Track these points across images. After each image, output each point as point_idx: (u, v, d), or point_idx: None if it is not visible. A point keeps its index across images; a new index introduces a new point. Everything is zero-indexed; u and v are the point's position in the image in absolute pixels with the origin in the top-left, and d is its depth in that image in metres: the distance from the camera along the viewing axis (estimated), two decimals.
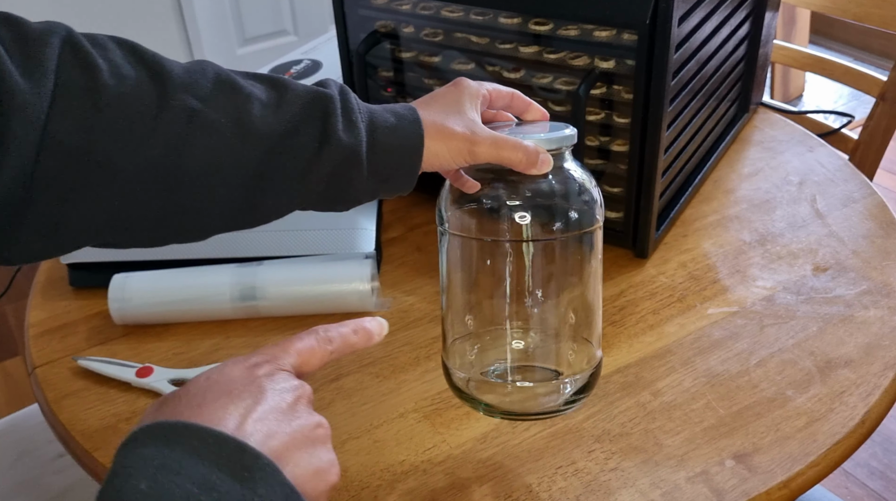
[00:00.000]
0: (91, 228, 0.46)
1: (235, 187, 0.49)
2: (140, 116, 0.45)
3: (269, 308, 0.83)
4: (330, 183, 0.53)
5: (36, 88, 0.42)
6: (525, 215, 0.58)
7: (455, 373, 0.63)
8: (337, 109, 0.52)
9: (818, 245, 0.91)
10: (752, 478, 0.66)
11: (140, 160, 0.45)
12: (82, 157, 0.44)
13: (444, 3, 0.88)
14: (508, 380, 0.64)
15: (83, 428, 0.74)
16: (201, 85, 0.47)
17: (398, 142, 0.54)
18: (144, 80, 0.46)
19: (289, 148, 0.50)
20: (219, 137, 0.47)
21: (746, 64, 1.09)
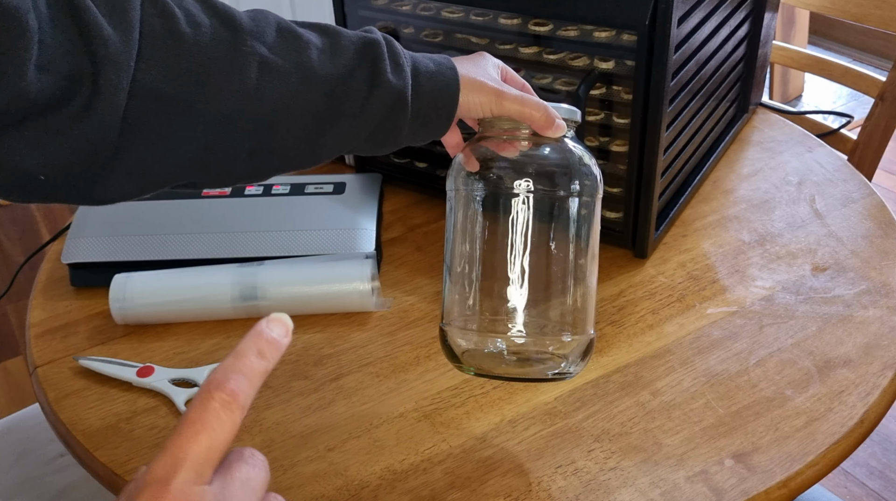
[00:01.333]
0: (175, 170, 0.49)
1: (301, 129, 0.52)
2: (216, 63, 0.47)
3: (269, 308, 0.83)
4: (379, 124, 0.56)
5: (124, 38, 0.44)
6: (529, 180, 0.61)
7: (453, 341, 0.65)
8: (384, 53, 0.55)
9: (817, 245, 0.92)
10: (751, 478, 0.66)
11: (217, 104, 0.48)
12: (167, 102, 0.46)
13: (444, 4, 0.88)
14: (503, 350, 0.64)
15: (84, 428, 0.74)
16: (267, 33, 0.50)
17: (439, 87, 0.57)
18: (218, 27, 0.48)
19: (345, 91, 0.53)
20: (286, 82, 0.50)
21: (746, 64, 1.09)
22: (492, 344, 0.64)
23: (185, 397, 0.75)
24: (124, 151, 0.47)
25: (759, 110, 1.19)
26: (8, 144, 0.44)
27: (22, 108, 0.43)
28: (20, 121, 0.43)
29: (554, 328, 0.65)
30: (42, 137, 0.44)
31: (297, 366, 0.79)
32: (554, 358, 0.64)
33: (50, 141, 0.44)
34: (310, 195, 0.97)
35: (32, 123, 0.44)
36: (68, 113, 0.44)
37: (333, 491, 0.67)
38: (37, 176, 0.45)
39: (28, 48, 0.42)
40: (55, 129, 0.44)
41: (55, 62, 0.43)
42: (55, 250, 0.97)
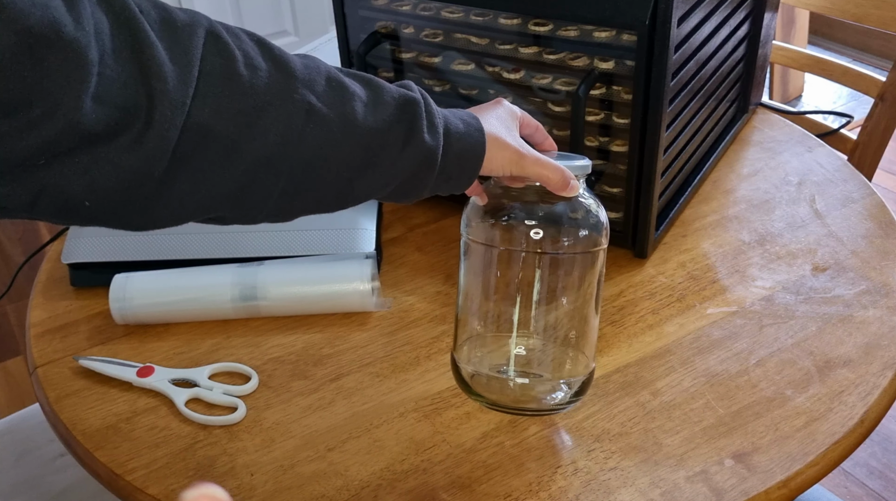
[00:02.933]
0: (210, 203, 0.50)
1: (334, 176, 0.54)
2: (268, 107, 0.49)
3: (269, 308, 0.84)
4: (406, 179, 0.58)
5: (183, 75, 0.46)
6: (539, 230, 0.65)
7: (463, 368, 0.69)
8: (423, 112, 0.57)
9: (817, 245, 0.92)
10: (751, 478, 0.66)
11: (262, 146, 0.49)
12: (216, 139, 0.48)
13: (444, 4, 0.88)
14: (510, 375, 0.69)
15: (84, 428, 0.74)
16: (317, 82, 0.52)
17: (466, 148, 0.60)
18: (273, 72, 0.50)
19: (381, 145, 0.55)
20: (328, 130, 0.52)
21: (745, 64, 1.09)
22: (499, 378, 0.69)
23: (186, 397, 0.75)
24: (167, 184, 0.48)
25: (759, 110, 1.19)
26: (57, 170, 0.44)
27: (74, 137, 0.43)
28: (71, 149, 0.44)
29: (557, 364, 0.70)
30: (91, 166, 0.45)
31: (297, 366, 0.79)
32: (556, 390, 0.69)
33: (98, 170, 0.45)
34: None
35: (82, 151, 0.44)
36: (119, 144, 0.45)
37: (333, 491, 0.67)
38: (82, 202, 0.46)
39: (85, 80, 0.43)
40: (105, 158, 0.45)
41: (112, 94, 0.44)
42: (55, 250, 0.97)
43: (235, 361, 0.80)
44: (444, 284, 0.89)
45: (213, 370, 0.79)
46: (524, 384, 0.69)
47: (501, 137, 0.62)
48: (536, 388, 0.69)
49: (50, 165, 0.44)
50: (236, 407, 0.74)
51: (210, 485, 0.35)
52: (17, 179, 0.44)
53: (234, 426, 0.73)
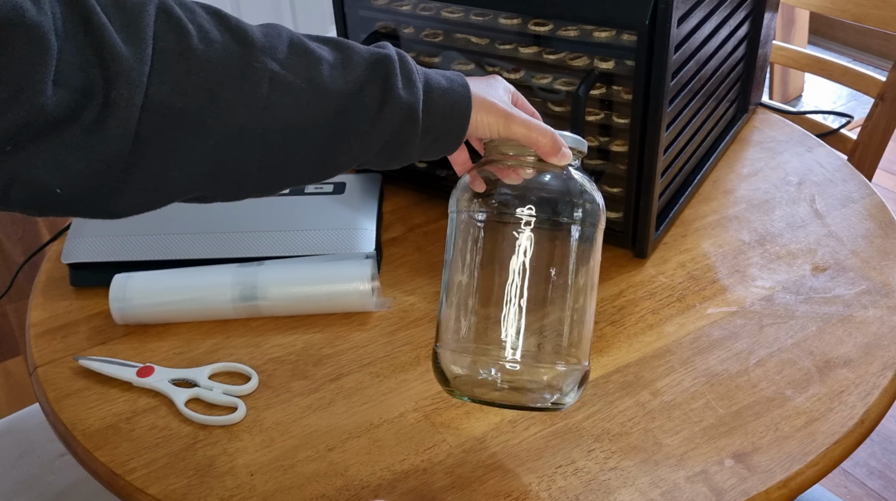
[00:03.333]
0: (186, 183, 0.50)
1: (311, 144, 0.53)
2: (228, 78, 0.48)
3: (269, 308, 0.84)
4: (389, 140, 0.56)
5: (137, 54, 0.45)
6: (531, 207, 0.62)
7: (446, 363, 0.64)
8: (396, 69, 0.55)
9: (817, 245, 0.92)
10: (751, 478, 0.66)
11: (229, 120, 0.49)
12: (178, 117, 0.47)
13: (444, 4, 0.88)
14: (497, 378, 0.63)
15: (84, 428, 0.74)
16: (279, 48, 0.51)
17: (450, 103, 0.58)
18: (230, 43, 0.49)
19: (355, 107, 0.53)
20: (296, 98, 0.50)
21: (745, 64, 1.09)
22: (485, 371, 0.63)
23: (186, 397, 0.75)
24: (137, 165, 0.48)
25: (758, 110, 1.19)
26: (25, 158, 0.45)
27: (39, 122, 0.44)
28: (37, 135, 0.44)
29: (549, 358, 0.65)
30: (58, 152, 0.45)
31: (297, 366, 0.79)
32: (548, 388, 0.64)
33: (65, 155, 0.45)
34: (310, 195, 0.97)
35: (48, 137, 0.45)
36: (81, 127, 0.45)
37: (333, 491, 0.67)
38: (53, 190, 0.46)
39: (47, 64, 0.43)
40: (70, 143, 0.45)
41: (69, 77, 0.44)
42: (55, 250, 0.97)
43: (235, 361, 0.80)
44: None
45: (213, 370, 0.79)
46: (513, 387, 0.64)
47: (488, 97, 0.60)
48: (526, 388, 0.64)
49: (17, 153, 0.44)
50: (236, 407, 0.74)
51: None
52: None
53: (234, 426, 0.73)
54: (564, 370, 0.64)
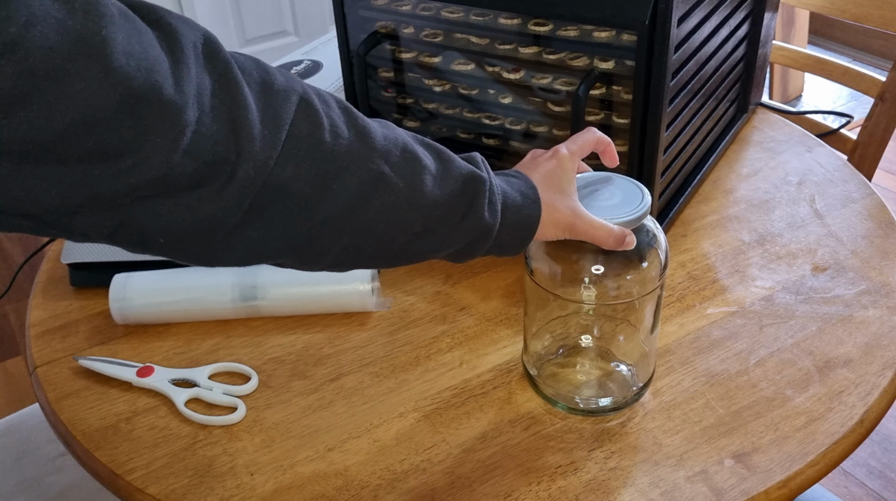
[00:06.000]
0: (276, 252, 0.54)
1: (393, 240, 0.57)
2: (344, 173, 0.53)
3: (269, 308, 0.84)
4: (461, 248, 0.61)
5: (272, 138, 0.49)
6: (600, 267, 0.68)
7: (544, 389, 0.74)
8: (486, 190, 0.60)
9: (817, 245, 0.92)
10: (751, 477, 0.66)
11: (332, 208, 0.53)
12: (291, 196, 0.51)
13: (444, 4, 0.88)
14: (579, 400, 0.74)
15: (84, 428, 0.74)
16: (393, 153, 0.56)
17: (522, 220, 0.63)
18: (354, 141, 0.54)
19: (442, 216, 0.58)
20: (395, 199, 0.55)
21: (745, 64, 1.09)
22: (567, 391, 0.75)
23: (185, 397, 0.75)
24: (238, 232, 0.51)
25: (758, 110, 1.19)
26: (139, 211, 0.47)
27: (160, 185, 0.46)
28: (155, 195, 0.47)
29: (620, 377, 0.76)
30: (170, 210, 0.48)
31: (297, 366, 0.79)
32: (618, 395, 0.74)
33: (175, 214, 0.48)
34: None
35: (165, 197, 0.47)
36: (200, 195, 0.48)
37: (333, 491, 0.67)
38: (156, 238, 0.49)
39: (178, 139, 0.45)
40: (184, 205, 0.48)
41: (203, 150, 0.47)
42: (55, 250, 0.97)
43: (235, 361, 0.80)
44: (444, 284, 0.89)
45: (213, 370, 0.79)
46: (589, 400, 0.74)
47: (555, 204, 0.64)
48: (590, 397, 0.75)
49: (132, 206, 0.47)
50: (236, 407, 0.74)
51: None
52: (100, 213, 0.46)
53: (234, 426, 0.73)
54: (635, 388, 0.74)
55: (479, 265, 0.91)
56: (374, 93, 1.00)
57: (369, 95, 0.98)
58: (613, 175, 0.69)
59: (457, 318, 0.84)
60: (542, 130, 0.91)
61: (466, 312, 0.85)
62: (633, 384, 0.74)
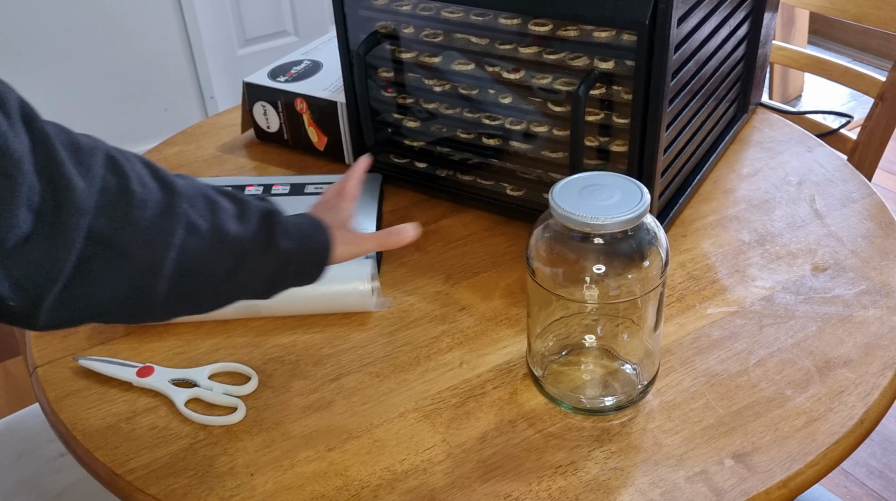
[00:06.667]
0: (103, 306, 0.56)
1: (210, 279, 0.61)
2: (156, 219, 0.56)
3: (269, 308, 0.84)
4: (270, 279, 0.66)
5: (89, 188, 0.53)
6: (601, 266, 0.68)
7: (549, 389, 0.75)
8: (281, 222, 0.66)
9: (817, 245, 0.92)
10: (751, 478, 0.66)
11: (150, 253, 0.56)
12: (111, 246, 0.54)
13: (444, 4, 0.88)
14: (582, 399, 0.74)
15: (84, 428, 0.74)
16: (196, 199, 0.60)
17: (314, 246, 0.69)
18: (159, 190, 0.57)
19: (248, 251, 0.63)
20: (203, 240, 0.60)
21: (745, 64, 1.09)
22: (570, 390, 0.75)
23: (185, 397, 0.76)
24: (68, 286, 0.53)
25: (758, 110, 1.19)
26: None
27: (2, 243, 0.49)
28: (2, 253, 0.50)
29: (624, 376, 0.76)
30: (9, 266, 0.50)
31: (297, 366, 0.79)
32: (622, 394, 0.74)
33: (16, 270, 0.50)
34: (310, 195, 0.97)
35: (6, 255, 0.50)
36: (30, 246, 0.50)
37: (333, 491, 0.67)
38: (7, 301, 0.51)
39: (17, 192, 0.48)
40: (21, 260, 0.50)
41: (32, 202, 0.50)
42: None
43: (235, 361, 0.80)
44: (444, 284, 0.89)
45: (213, 370, 0.79)
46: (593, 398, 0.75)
47: (337, 229, 0.72)
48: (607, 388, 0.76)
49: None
50: (236, 407, 0.74)
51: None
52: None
53: (234, 426, 0.73)
54: (640, 386, 0.75)
55: (479, 265, 0.91)
56: (374, 93, 1.00)
57: (369, 95, 0.98)
58: (613, 174, 0.70)
59: (457, 318, 0.84)
60: (542, 130, 0.91)
61: (466, 312, 0.85)
62: (637, 383, 0.74)
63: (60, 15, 2.30)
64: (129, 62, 2.48)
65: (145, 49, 2.48)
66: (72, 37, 2.35)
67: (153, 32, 2.48)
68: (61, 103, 2.43)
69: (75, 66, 2.40)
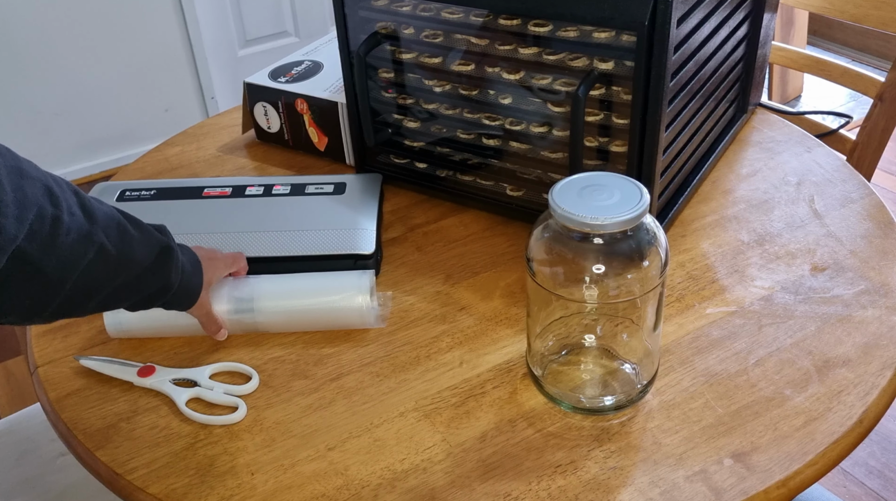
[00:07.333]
0: (9, 312, 0.61)
1: (103, 295, 0.67)
2: (74, 245, 0.62)
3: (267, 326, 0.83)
4: (144, 299, 0.71)
5: (21, 214, 0.57)
6: (601, 266, 0.68)
7: (548, 389, 0.75)
8: (176, 258, 0.72)
9: (816, 245, 0.92)
10: (750, 477, 0.66)
11: (60, 272, 0.62)
12: (32, 266, 0.59)
13: (444, 5, 0.88)
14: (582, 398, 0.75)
15: (85, 428, 0.74)
16: (111, 227, 0.66)
17: (190, 284, 0.75)
18: (83, 219, 0.63)
19: (140, 274, 0.69)
20: (108, 264, 0.65)
21: (745, 65, 1.10)
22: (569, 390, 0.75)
23: (186, 397, 0.76)
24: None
25: (758, 111, 1.19)
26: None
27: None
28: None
29: (624, 375, 0.76)
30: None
31: (297, 366, 0.80)
32: (621, 394, 0.74)
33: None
34: (310, 195, 0.98)
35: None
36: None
37: (333, 491, 0.67)
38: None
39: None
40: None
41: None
42: None
43: (236, 361, 0.80)
44: (444, 284, 0.89)
45: (213, 370, 0.79)
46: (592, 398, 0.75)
47: (210, 265, 0.79)
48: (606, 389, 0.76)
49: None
50: (237, 407, 0.74)
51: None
52: None
53: (235, 426, 0.74)
54: (639, 386, 0.75)
55: (479, 265, 0.92)
56: (374, 93, 1.00)
57: (370, 95, 0.98)
58: (612, 175, 0.70)
59: (457, 318, 0.84)
60: (542, 131, 0.91)
61: (466, 312, 0.85)
62: (637, 382, 0.74)
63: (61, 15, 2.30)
64: (129, 62, 2.48)
65: (146, 49, 2.48)
66: (72, 37, 2.35)
67: (154, 33, 2.48)
68: (62, 103, 2.43)
69: (76, 66, 2.40)
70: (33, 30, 2.29)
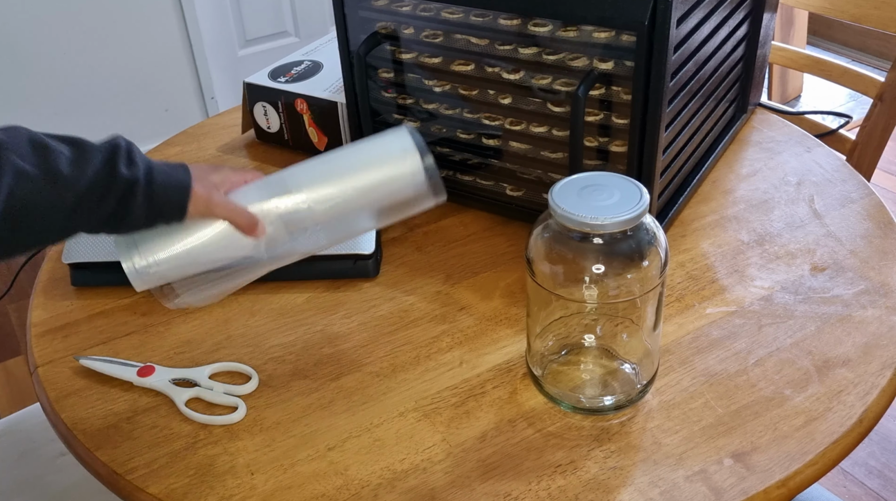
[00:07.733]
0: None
1: (50, 222, 0.63)
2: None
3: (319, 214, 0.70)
4: (115, 209, 0.65)
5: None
6: (601, 266, 0.68)
7: (548, 389, 0.75)
8: (122, 152, 0.66)
9: (816, 245, 0.92)
10: (750, 477, 0.66)
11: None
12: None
13: (444, 5, 0.88)
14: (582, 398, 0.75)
15: (85, 427, 0.74)
16: (22, 146, 0.62)
17: (171, 181, 0.67)
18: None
19: (90, 191, 0.64)
20: (34, 184, 0.61)
21: (744, 65, 1.10)
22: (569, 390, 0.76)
23: (186, 396, 0.76)
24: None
25: (757, 111, 1.19)
26: None
27: None
28: None
29: (624, 375, 0.76)
30: None
31: (297, 366, 0.80)
32: (621, 395, 0.74)
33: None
34: None
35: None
36: None
37: (333, 491, 0.67)
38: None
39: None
40: None
41: None
42: (56, 250, 0.97)
43: (236, 361, 0.80)
44: (444, 284, 0.89)
45: (213, 370, 0.79)
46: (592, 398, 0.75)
47: (200, 180, 0.69)
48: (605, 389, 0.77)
49: None
50: (237, 407, 0.75)
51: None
52: None
53: (235, 426, 0.74)
54: (639, 386, 0.75)
55: (479, 265, 0.92)
56: (374, 93, 1.00)
57: (369, 95, 0.98)
58: (612, 175, 0.70)
59: (457, 318, 0.84)
60: (542, 130, 0.91)
61: (466, 312, 0.85)
62: (637, 382, 0.74)
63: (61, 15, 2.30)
64: (129, 62, 2.48)
65: (146, 49, 2.48)
66: (72, 37, 2.35)
67: (154, 33, 2.48)
68: (62, 103, 2.43)
69: (76, 65, 2.40)
70: (33, 30, 2.29)
